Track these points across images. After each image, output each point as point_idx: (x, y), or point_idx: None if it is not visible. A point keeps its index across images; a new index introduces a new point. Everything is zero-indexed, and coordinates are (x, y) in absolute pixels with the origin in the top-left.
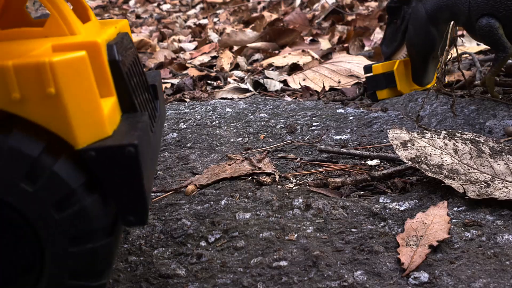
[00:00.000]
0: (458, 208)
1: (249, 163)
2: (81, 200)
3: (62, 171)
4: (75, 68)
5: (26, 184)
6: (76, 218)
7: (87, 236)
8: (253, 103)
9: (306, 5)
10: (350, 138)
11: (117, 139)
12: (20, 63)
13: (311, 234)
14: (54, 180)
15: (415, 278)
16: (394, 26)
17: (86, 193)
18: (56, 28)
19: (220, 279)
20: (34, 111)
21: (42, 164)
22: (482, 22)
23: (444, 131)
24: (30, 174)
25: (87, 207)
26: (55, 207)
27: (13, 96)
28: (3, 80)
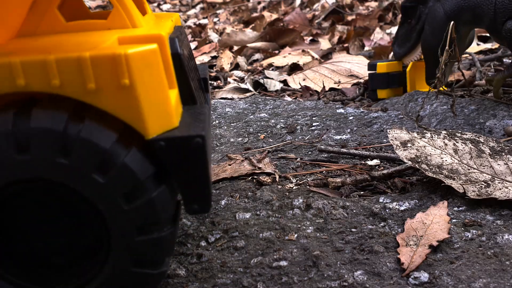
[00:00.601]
0: (458, 208)
1: (249, 163)
2: (149, 192)
3: (132, 163)
4: (148, 60)
5: (97, 175)
6: (144, 209)
7: (153, 226)
8: (253, 103)
9: (306, 5)
10: (350, 138)
11: (185, 130)
12: (97, 55)
13: (311, 234)
14: (124, 172)
15: (415, 278)
16: (408, 26)
17: (153, 185)
18: (119, 20)
19: (220, 279)
20: (108, 101)
21: (114, 156)
22: (510, 25)
23: (444, 131)
24: (101, 166)
25: (155, 199)
26: (124, 198)
27: (89, 86)
28: (80, 70)
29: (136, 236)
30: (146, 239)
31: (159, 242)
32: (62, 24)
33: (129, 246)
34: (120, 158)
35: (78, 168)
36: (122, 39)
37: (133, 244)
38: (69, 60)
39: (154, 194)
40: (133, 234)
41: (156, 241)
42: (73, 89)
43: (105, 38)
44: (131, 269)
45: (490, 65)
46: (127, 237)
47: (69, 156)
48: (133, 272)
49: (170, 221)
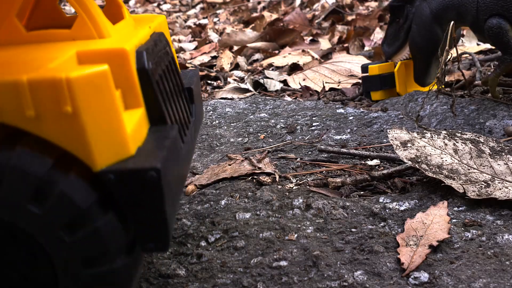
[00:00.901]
0: (458, 208)
1: (249, 163)
2: (93, 221)
3: (70, 191)
4: (95, 84)
5: (33, 206)
6: (89, 239)
7: (102, 258)
8: (253, 103)
9: (306, 5)
10: (350, 138)
11: (139, 161)
12: (35, 78)
13: (311, 234)
14: (62, 201)
15: (415, 278)
16: (396, 25)
17: (98, 213)
18: (84, 30)
19: (220, 279)
20: (50, 130)
21: (49, 184)
22: (492, 23)
23: (444, 131)
24: (36, 195)
25: (100, 228)
26: (66, 229)
27: (28, 113)
28: (17, 96)
29: (82, 269)
30: (95, 273)
31: (111, 276)
32: (22, 34)
33: (76, 281)
34: (56, 186)
35: (10, 199)
36: (81, 54)
37: (81, 279)
38: (5, 84)
39: (100, 223)
40: (79, 268)
41: (107, 275)
42: (10, 116)
43: (61, 53)
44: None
45: (490, 65)
46: (73, 271)
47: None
48: None
49: (124, 251)
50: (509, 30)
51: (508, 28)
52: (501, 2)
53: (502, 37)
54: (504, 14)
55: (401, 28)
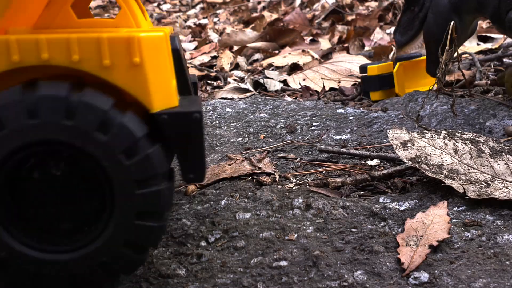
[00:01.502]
0: (458, 208)
1: (249, 163)
2: (145, 148)
3: (128, 123)
4: (156, 44)
5: (99, 134)
6: (142, 164)
7: (152, 180)
8: (253, 103)
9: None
10: (350, 138)
11: (184, 108)
12: (114, 36)
13: (311, 234)
14: (122, 130)
15: (415, 278)
16: (411, 13)
17: (149, 143)
18: (126, 21)
19: (220, 279)
20: (120, 77)
21: (112, 117)
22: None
23: (444, 131)
24: (102, 125)
25: (151, 155)
26: (124, 154)
27: (104, 62)
28: (98, 48)
29: (137, 189)
30: (146, 192)
31: (158, 195)
32: (75, 20)
33: (131, 199)
34: (118, 118)
35: (81, 128)
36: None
37: (135, 198)
38: (89, 39)
39: (150, 150)
40: (134, 188)
41: (155, 194)
42: (90, 65)
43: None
44: (134, 222)
45: (490, 65)
46: (129, 190)
47: (73, 118)
48: (136, 225)
49: (167, 177)
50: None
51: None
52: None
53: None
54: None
55: (416, 17)
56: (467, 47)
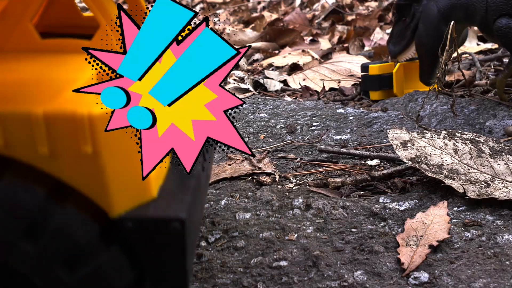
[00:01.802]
0: (458, 208)
1: (249, 163)
2: (95, 257)
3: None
4: None
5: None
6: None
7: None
8: (253, 103)
9: (306, 5)
10: (350, 138)
11: (161, 207)
12: (53, 112)
13: (311, 234)
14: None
15: (415, 278)
16: (403, 24)
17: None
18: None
19: (220, 279)
20: (64, 169)
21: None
22: (501, 23)
23: (444, 131)
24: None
25: (103, 265)
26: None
27: (41, 150)
28: (30, 130)
29: None
30: None
31: None
32: (36, 41)
33: None
34: (53, 218)
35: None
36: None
37: None
38: (17, 115)
39: (103, 259)
40: None
41: None
42: (21, 152)
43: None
44: None
45: (490, 65)
46: None
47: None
48: None
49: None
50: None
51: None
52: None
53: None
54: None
55: (408, 27)
56: (467, 47)
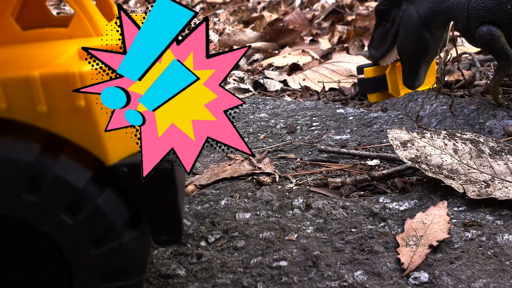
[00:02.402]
0: (458, 208)
1: (249, 163)
2: (92, 199)
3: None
4: None
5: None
6: (92, 218)
7: (109, 234)
8: (253, 103)
9: (306, 5)
10: (350, 138)
11: None
12: (47, 73)
13: (311, 234)
14: (58, 184)
15: (415, 278)
16: (383, 29)
17: (96, 191)
18: (81, 28)
19: (220, 279)
20: (62, 125)
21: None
22: (482, 30)
23: (444, 131)
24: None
25: (101, 205)
26: (67, 212)
27: (40, 108)
28: (29, 91)
29: (93, 249)
30: (106, 250)
31: (122, 250)
32: (17, 33)
33: (89, 262)
34: (50, 169)
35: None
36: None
37: (93, 259)
38: (17, 79)
39: (99, 201)
40: (88, 249)
41: (118, 250)
42: (22, 112)
43: (64, 50)
44: (101, 287)
45: (490, 65)
46: (84, 253)
47: (38, 192)
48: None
49: (130, 224)
50: (501, 36)
51: (500, 34)
52: (493, 9)
53: (495, 43)
54: (496, 21)
55: (388, 32)
56: (467, 47)
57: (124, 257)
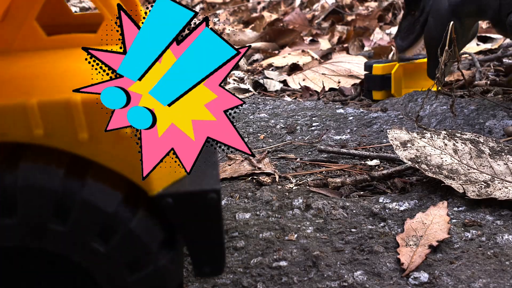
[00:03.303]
0: (458, 208)
1: (249, 163)
2: (125, 222)
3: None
4: None
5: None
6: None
7: (144, 258)
8: (253, 103)
9: (306, 5)
10: (350, 138)
11: (196, 182)
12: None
13: (311, 234)
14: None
15: (415, 278)
16: (412, 18)
17: (129, 212)
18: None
19: (220, 279)
20: (103, 152)
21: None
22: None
23: (444, 131)
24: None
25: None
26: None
27: (81, 136)
28: (70, 117)
29: (128, 276)
30: (142, 276)
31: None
32: (43, 39)
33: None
34: (125, 223)
35: (76, 236)
36: None
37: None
38: (56, 104)
39: (132, 224)
40: (123, 275)
41: (154, 275)
42: (61, 140)
43: None
44: None
45: (490, 65)
46: (119, 280)
47: (66, 221)
48: None
49: (165, 245)
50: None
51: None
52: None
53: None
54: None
55: (417, 21)
56: (467, 47)
57: (161, 280)
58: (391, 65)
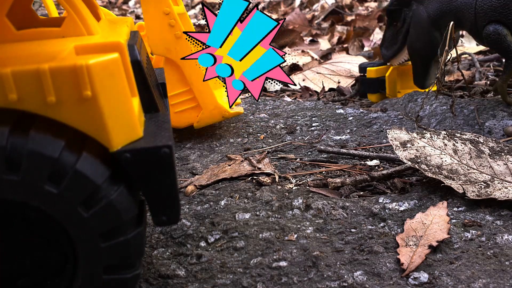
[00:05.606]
0: (457, 208)
1: (248, 163)
2: (107, 195)
3: (85, 169)
4: (110, 70)
5: (50, 186)
6: (105, 214)
7: (118, 230)
8: (252, 103)
9: (305, 6)
10: (350, 139)
11: (151, 141)
12: (57, 66)
13: (311, 234)
14: (78, 179)
15: (415, 279)
16: (394, 28)
17: (111, 187)
18: (74, 27)
19: (219, 279)
20: (69, 114)
21: (64, 164)
22: (489, 30)
23: (444, 131)
24: (53, 176)
25: (114, 201)
26: (83, 206)
27: (49, 99)
28: (39, 83)
29: (101, 242)
30: (113, 244)
31: (127, 245)
32: (13, 32)
33: (96, 253)
34: (71, 164)
35: (29, 182)
36: (79, 48)
37: (100, 251)
38: (27, 72)
39: (113, 197)
40: (97, 242)
41: (123, 244)
42: (32, 103)
43: (61, 48)
44: (102, 277)
45: (490, 65)
46: (92, 245)
47: (18, 170)
48: (105, 280)
49: (136, 221)
50: (508, 35)
51: (506, 33)
52: (499, 9)
53: (502, 42)
54: (502, 20)
55: (399, 32)
56: (466, 47)
57: (127, 252)
58: (385, 68)
